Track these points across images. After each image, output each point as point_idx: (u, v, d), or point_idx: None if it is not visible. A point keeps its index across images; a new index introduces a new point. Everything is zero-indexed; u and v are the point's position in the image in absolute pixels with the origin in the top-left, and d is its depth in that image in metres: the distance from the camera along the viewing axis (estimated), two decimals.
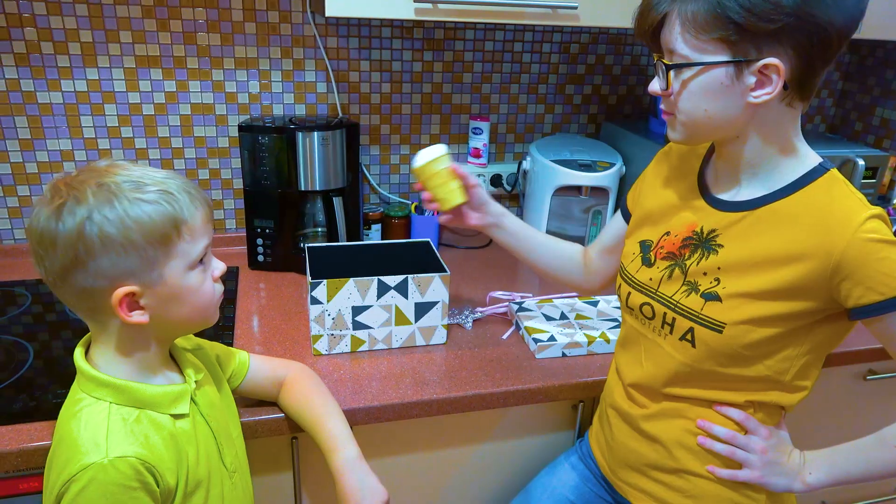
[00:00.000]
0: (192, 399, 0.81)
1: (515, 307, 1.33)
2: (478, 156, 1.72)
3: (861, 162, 1.49)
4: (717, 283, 0.85)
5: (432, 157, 1.03)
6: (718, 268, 0.86)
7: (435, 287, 1.18)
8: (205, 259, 0.77)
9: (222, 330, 1.24)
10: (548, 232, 1.55)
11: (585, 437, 1.15)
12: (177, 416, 0.78)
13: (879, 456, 0.85)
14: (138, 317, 0.73)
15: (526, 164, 1.61)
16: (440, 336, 1.23)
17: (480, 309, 1.36)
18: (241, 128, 1.40)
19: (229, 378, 0.96)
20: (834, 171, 0.83)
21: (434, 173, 1.04)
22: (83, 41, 1.40)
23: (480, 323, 1.32)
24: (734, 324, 0.83)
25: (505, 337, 1.27)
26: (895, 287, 0.76)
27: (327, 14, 1.18)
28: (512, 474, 1.24)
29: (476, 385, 1.11)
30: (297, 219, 1.50)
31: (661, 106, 0.87)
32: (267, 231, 1.48)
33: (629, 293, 0.97)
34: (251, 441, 1.02)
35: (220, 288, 0.82)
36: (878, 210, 0.78)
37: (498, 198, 1.84)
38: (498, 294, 1.44)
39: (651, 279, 0.94)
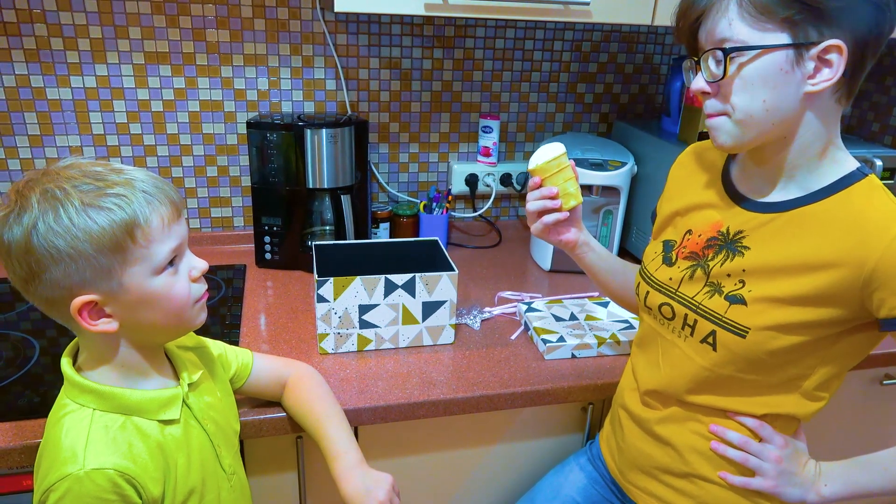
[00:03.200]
0: (184, 403, 0.79)
1: (524, 307, 1.31)
2: (487, 154, 1.71)
3: (879, 162, 1.46)
4: (741, 285, 0.83)
5: (558, 153, 0.97)
6: (743, 270, 0.83)
7: (443, 286, 1.16)
8: (175, 260, 0.73)
9: (229, 328, 1.23)
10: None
11: (596, 440, 1.13)
12: (166, 423, 0.76)
13: None
14: (104, 325, 0.70)
15: None
16: (448, 336, 1.21)
17: (489, 309, 1.35)
18: (249, 125, 1.39)
19: (232, 378, 0.95)
20: (872, 177, 0.79)
21: (561, 169, 0.98)
22: (92, 37, 1.40)
23: (489, 323, 1.31)
24: (759, 329, 0.80)
25: (513, 337, 1.25)
26: None
27: (336, 9, 1.17)
28: (520, 477, 1.23)
29: (484, 386, 1.09)
30: (305, 217, 1.49)
31: (708, 109, 0.81)
32: (275, 229, 1.47)
33: (647, 292, 0.95)
34: (255, 440, 1.01)
35: (199, 288, 0.76)
36: None
37: (508, 197, 1.83)
38: (507, 294, 1.42)
39: (671, 279, 0.91)
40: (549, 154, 0.98)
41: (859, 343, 0.83)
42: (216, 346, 0.94)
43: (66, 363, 0.74)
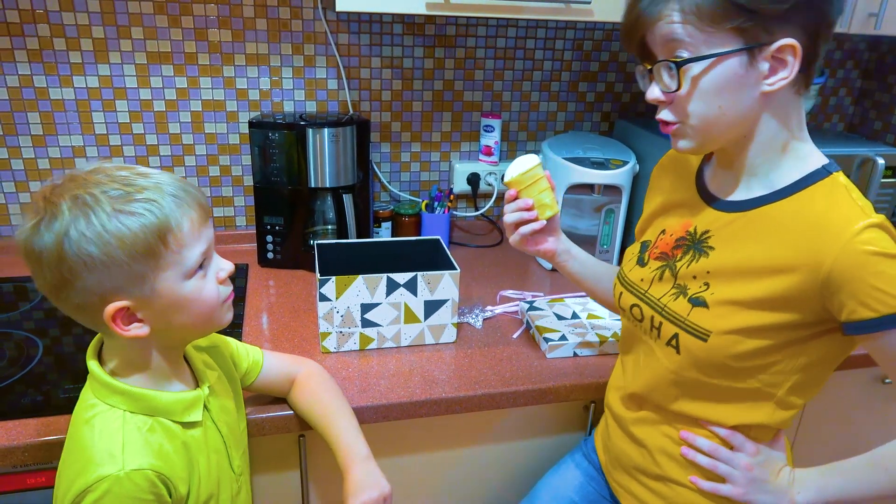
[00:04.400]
0: (204, 405, 0.80)
1: (526, 306, 1.32)
2: (489, 154, 1.71)
3: (881, 161, 1.46)
4: (706, 287, 0.81)
5: (532, 165, 0.98)
6: (708, 272, 0.82)
7: (445, 285, 1.16)
8: (205, 263, 0.73)
9: (231, 327, 1.23)
10: None
11: (591, 434, 1.14)
12: (188, 425, 0.77)
13: (872, 477, 0.80)
14: (136, 330, 0.70)
15: None
16: (450, 335, 1.22)
17: (491, 308, 1.35)
18: (251, 124, 1.40)
19: (243, 376, 0.95)
20: (837, 175, 0.77)
21: (535, 181, 0.99)
22: (95, 37, 1.41)
23: (491, 322, 1.31)
24: (720, 333, 0.79)
25: (515, 336, 1.26)
26: (891, 304, 0.70)
27: (338, 9, 1.17)
28: (522, 475, 1.23)
29: (486, 384, 1.10)
30: (307, 216, 1.49)
31: (663, 117, 0.80)
32: (277, 228, 1.47)
33: (621, 293, 0.95)
34: (258, 438, 1.01)
35: (226, 290, 0.77)
36: (879, 219, 0.72)
37: None
38: (508, 293, 1.42)
39: (642, 279, 0.91)
40: (522, 166, 0.99)
41: (831, 347, 0.80)
42: (227, 346, 0.94)
43: (94, 365, 0.74)
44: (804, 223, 0.75)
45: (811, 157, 0.79)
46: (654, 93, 0.79)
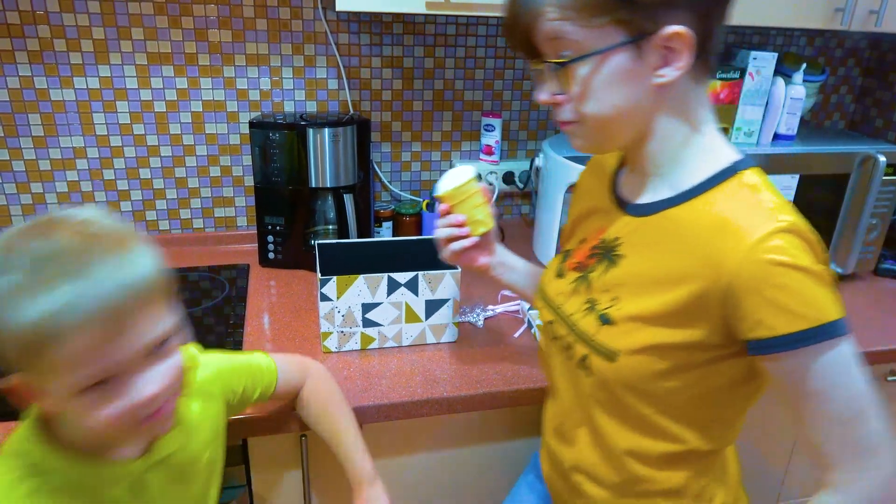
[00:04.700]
0: (143, 480, 0.70)
1: (527, 305, 1.32)
2: (490, 153, 1.71)
3: (882, 159, 1.46)
4: (615, 302, 0.75)
5: (466, 179, 0.93)
6: (617, 284, 0.76)
7: (446, 284, 1.16)
8: (108, 383, 0.58)
9: (233, 328, 1.23)
10: (560, 230, 1.53)
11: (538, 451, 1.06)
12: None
13: None
14: (38, 403, 0.60)
15: (539, 162, 1.60)
16: (451, 334, 1.22)
17: (492, 307, 1.35)
18: (252, 124, 1.40)
19: (260, 395, 0.91)
20: (746, 173, 0.70)
21: (469, 196, 0.93)
22: (96, 38, 1.41)
23: (492, 321, 1.31)
24: (629, 352, 0.72)
25: (517, 335, 1.26)
26: (792, 321, 0.63)
27: (338, 9, 1.17)
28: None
29: (487, 384, 1.10)
30: (308, 216, 1.50)
31: (558, 117, 0.74)
32: (278, 228, 1.47)
33: (540, 308, 0.89)
34: (259, 438, 1.01)
35: (145, 409, 0.61)
36: (791, 223, 0.64)
37: (510, 196, 1.83)
38: (509, 292, 1.42)
39: (559, 293, 0.84)
40: (455, 181, 0.93)
41: (748, 368, 0.72)
42: (241, 379, 0.88)
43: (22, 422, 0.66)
44: (705, 228, 0.68)
45: (719, 152, 0.73)
46: (541, 95, 0.74)
